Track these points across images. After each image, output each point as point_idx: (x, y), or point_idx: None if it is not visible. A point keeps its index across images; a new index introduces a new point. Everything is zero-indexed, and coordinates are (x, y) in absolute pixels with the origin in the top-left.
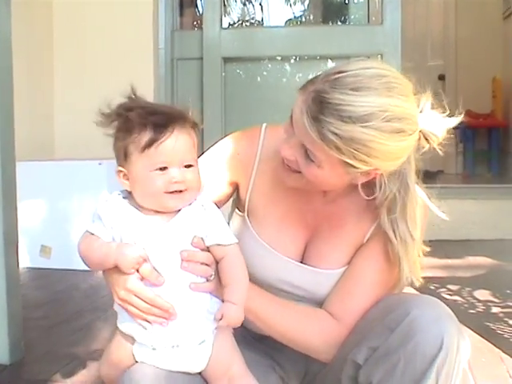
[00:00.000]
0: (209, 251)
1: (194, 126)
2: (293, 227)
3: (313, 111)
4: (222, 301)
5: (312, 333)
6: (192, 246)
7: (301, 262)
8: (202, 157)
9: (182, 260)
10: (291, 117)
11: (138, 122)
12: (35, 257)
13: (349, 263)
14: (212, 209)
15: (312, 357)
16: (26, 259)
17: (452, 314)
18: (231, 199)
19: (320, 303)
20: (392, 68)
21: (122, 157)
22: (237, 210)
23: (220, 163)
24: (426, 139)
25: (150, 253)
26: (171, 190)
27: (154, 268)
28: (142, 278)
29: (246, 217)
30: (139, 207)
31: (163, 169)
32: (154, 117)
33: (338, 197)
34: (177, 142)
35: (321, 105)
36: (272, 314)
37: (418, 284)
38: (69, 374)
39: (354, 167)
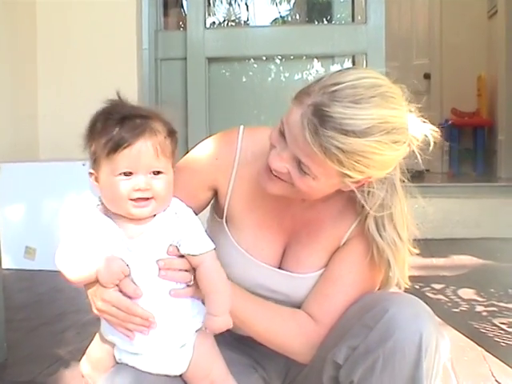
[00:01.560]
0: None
1: (171, 133)
2: (270, 233)
3: (314, 125)
4: (203, 302)
5: (290, 334)
6: (167, 255)
7: (279, 267)
8: (180, 161)
9: (160, 269)
10: (280, 128)
11: (106, 126)
12: (20, 258)
13: (326, 266)
14: (186, 216)
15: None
16: (11, 261)
17: (430, 311)
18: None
19: (299, 306)
20: (382, 75)
21: (92, 160)
22: (215, 215)
23: (198, 168)
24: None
25: (129, 264)
26: (134, 198)
27: (131, 279)
28: (121, 290)
29: (225, 223)
30: (112, 215)
31: (128, 174)
32: (124, 121)
33: (317, 202)
34: (143, 147)
35: (322, 118)
36: (251, 314)
37: (404, 287)
38: (52, 376)
39: (350, 177)
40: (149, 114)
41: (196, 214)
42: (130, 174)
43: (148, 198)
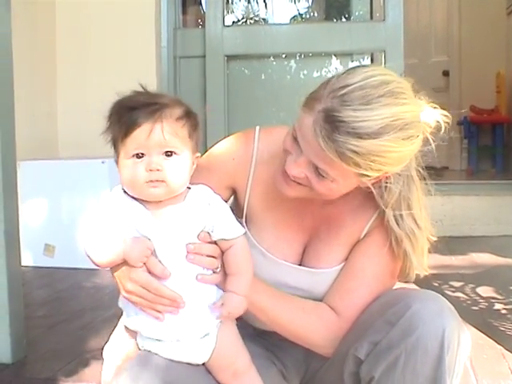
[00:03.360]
0: (215, 243)
1: (186, 115)
2: (290, 231)
3: (327, 132)
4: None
5: (313, 327)
6: (198, 240)
7: (299, 265)
8: (198, 161)
9: (188, 252)
10: (293, 134)
11: (121, 112)
12: (39, 255)
13: (346, 259)
14: (218, 204)
15: (312, 353)
16: (30, 258)
17: (453, 308)
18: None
19: (320, 300)
20: (390, 71)
21: (113, 147)
22: (235, 214)
23: (216, 169)
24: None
25: (156, 246)
26: (147, 180)
27: (159, 261)
28: (149, 271)
29: (244, 223)
30: (142, 200)
31: (140, 156)
32: (139, 107)
33: (335, 199)
34: (153, 128)
35: (334, 124)
36: (273, 306)
37: (424, 275)
38: (71, 373)
39: (368, 176)
40: (164, 100)
41: None
42: (143, 155)
43: (158, 180)
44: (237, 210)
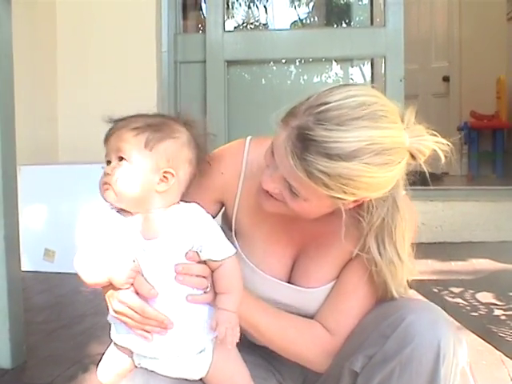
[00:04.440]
0: (205, 263)
1: (144, 127)
2: (280, 247)
3: (298, 150)
4: None
5: (305, 345)
6: (186, 259)
7: (288, 281)
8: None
9: (177, 273)
10: (271, 148)
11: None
12: (39, 260)
13: (336, 278)
14: (207, 224)
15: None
16: (30, 263)
17: (448, 317)
18: (220, 214)
19: (310, 317)
20: (378, 93)
21: None
22: (225, 226)
23: (204, 182)
24: (413, 157)
25: (144, 266)
26: (102, 183)
27: (147, 281)
28: (136, 291)
29: (234, 237)
30: (130, 214)
31: (108, 163)
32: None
33: (325, 216)
34: (113, 134)
35: (305, 143)
36: (266, 323)
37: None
38: (70, 378)
39: (342, 199)
40: (148, 118)
41: None
42: (109, 162)
43: (107, 183)
44: (226, 224)
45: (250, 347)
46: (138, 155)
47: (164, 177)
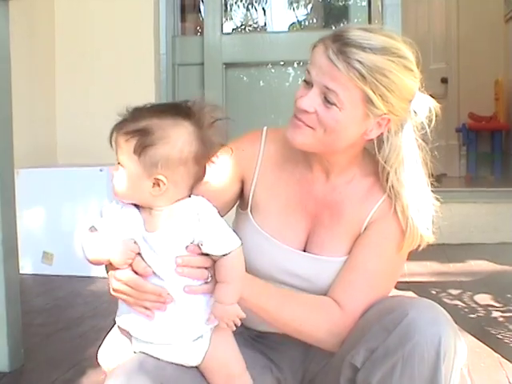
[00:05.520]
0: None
1: (134, 132)
2: (294, 217)
3: (337, 47)
4: None
5: (317, 322)
6: (186, 252)
7: (304, 251)
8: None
9: (177, 265)
10: (305, 79)
11: None
12: (37, 263)
13: (349, 252)
14: (208, 217)
15: (310, 357)
16: (28, 266)
17: (449, 316)
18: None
19: (322, 293)
20: None
21: None
22: (239, 209)
23: (227, 161)
24: (415, 112)
25: (144, 255)
26: None
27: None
28: (133, 270)
29: (249, 211)
30: (141, 208)
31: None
32: None
33: (339, 185)
34: (112, 136)
35: (342, 40)
36: (276, 305)
37: (427, 242)
38: (69, 381)
39: (374, 105)
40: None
41: (223, 214)
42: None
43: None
44: (242, 203)
45: (248, 341)
46: (129, 161)
47: (156, 183)
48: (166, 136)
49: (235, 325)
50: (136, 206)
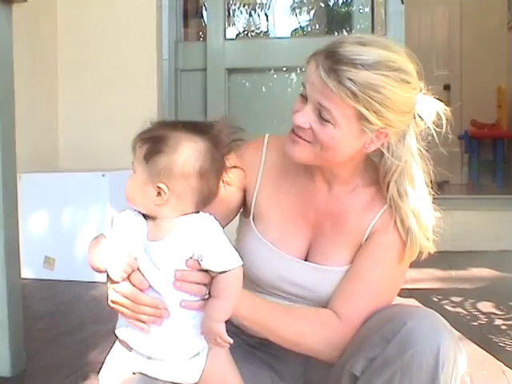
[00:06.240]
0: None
1: (145, 139)
2: (295, 226)
3: (327, 64)
4: None
5: (316, 333)
6: (186, 266)
7: (305, 260)
8: None
9: (176, 279)
10: (301, 93)
11: None
12: (39, 268)
13: (351, 262)
14: (211, 234)
15: (311, 365)
16: (30, 270)
17: (449, 325)
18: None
19: (322, 304)
20: None
21: None
22: (243, 217)
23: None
24: (420, 117)
25: (143, 267)
26: None
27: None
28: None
29: (251, 220)
30: (149, 219)
31: None
32: None
33: (341, 194)
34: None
35: (334, 57)
36: (275, 320)
37: (428, 252)
38: None
39: (369, 121)
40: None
41: (226, 222)
42: None
43: None
44: (245, 211)
45: (249, 352)
46: (139, 166)
47: (159, 191)
48: (174, 147)
49: (235, 333)
50: (144, 215)
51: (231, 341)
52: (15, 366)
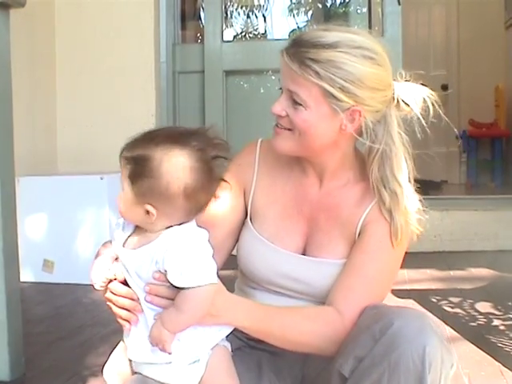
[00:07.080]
0: None
1: (129, 159)
2: (291, 221)
3: (290, 49)
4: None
5: (320, 333)
6: (153, 278)
7: (303, 255)
8: None
9: (146, 293)
10: (280, 88)
11: None
12: (38, 271)
13: (347, 255)
14: (177, 247)
15: (309, 362)
16: (29, 274)
17: (436, 326)
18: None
19: (320, 298)
20: None
21: None
22: None
23: (228, 178)
24: (406, 104)
25: (126, 274)
26: None
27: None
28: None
29: (249, 219)
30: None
31: None
32: None
33: (333, 189)
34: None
35: (296, 43)
36: (280, 326)
37: (416, 235)
38: None
39: (336, 98)
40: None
41: (239, 227)
42: None
43: None
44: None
45: (248, 354)
46: (126, 185)
47: (146, 211)
48: (157, 170)
49: (235, 335)
50: None
51: (172, 352)
52: (14, 369)
